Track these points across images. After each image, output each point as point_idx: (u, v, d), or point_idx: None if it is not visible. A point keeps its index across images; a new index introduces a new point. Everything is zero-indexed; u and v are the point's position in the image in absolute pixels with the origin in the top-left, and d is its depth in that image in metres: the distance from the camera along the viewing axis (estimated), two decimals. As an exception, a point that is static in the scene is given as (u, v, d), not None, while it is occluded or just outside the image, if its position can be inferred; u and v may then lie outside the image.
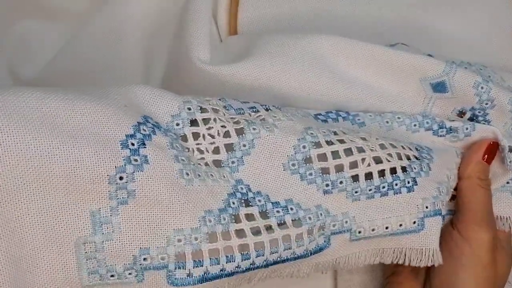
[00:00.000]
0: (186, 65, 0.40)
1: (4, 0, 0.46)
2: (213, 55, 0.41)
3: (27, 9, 0.47)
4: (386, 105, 0.40)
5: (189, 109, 0.34)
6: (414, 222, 0.37)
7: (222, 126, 0.34)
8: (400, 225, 0.37)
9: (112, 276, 0.31)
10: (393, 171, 0.36)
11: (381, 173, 0.36)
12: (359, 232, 0.36)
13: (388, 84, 0.40)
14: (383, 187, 0.36)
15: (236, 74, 0.39)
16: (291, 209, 0.35)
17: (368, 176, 0.36)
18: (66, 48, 0.46)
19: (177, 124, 0.33)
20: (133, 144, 0.31)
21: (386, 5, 0.45)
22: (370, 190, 0.36)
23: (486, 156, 0.39)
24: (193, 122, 0.34)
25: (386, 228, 0.37)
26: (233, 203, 0.33)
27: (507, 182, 0.41)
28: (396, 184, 0.36)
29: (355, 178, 0.36)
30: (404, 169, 0.37)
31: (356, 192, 0.36)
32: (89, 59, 0.45)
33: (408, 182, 0.37)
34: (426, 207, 0.37)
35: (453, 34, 0.45)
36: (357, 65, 0.39)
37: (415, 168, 0.37)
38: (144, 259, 0.31)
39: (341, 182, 0.35)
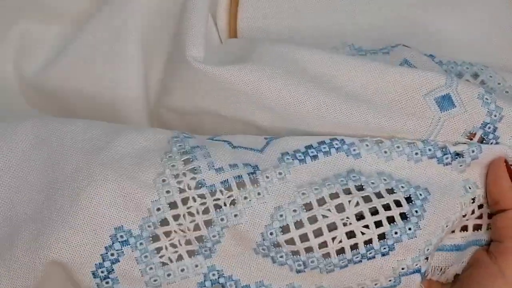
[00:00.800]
0: (182, 64, 0.40)
1: (7, 0, 0.46)
2: (211, 56, 0.41)
3: (29, 9, 0.47)
4: (388, 124, 0.38)
5: (158, 209, 0.34)
6: (390, 280, 0.36)
7: (191, 222, 0.35)
8: (376, 284, 0.36)
9: None
10: (368, 241, 0.35)
11: (355, 245, 0.35)
12: None
13: (390, 102, 0.38)
14: (356, 258, 0.35)
15: (230, 77, 0.38)
16: None
17: (340, 251, 0.35)
18: (67, 48, 0.46)
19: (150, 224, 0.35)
20: (102, 272, 0.34)
21: (386, 5, 0.45)
22: (343, 262, 0.35)
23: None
24: (163, 221, 0.35)
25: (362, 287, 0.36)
26: None
27: None
28: (370, 253, 0.35)
29: (327, 255, 0.35)
30: (382, 236, 0.35)
31: (329, 266, 0.35)
32: (89, 59, 0.45)
33: (384, 249, 0.35)
34: (402, 269, 0.36)
35: (453, 34, 0.45)
36: (356, 83, 0.38)
37: (396, 233, 0.35)
38: None
39: (312, 261, 0.35)
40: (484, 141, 0.38)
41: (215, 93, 0.40)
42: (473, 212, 0.38)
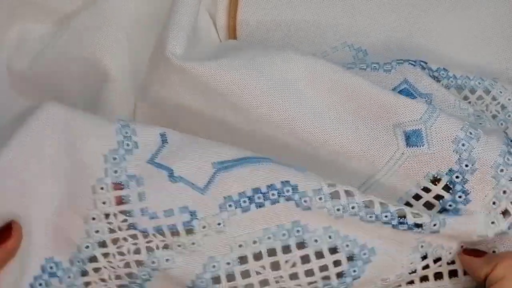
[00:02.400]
0: (161, 59, 0.39)
1: (4, 0, 0.46)
2: (198, 54, 0.40)
3: (26, 9, 0.46)
4: (353, 145, 0.37)
5: (87, 247, 0.34)
6: None
7: (121, 260, 0.34)
8: None
9: None
10: None
11: None
12: None
13: (361, 120, 0.37)
14: None
15: (205, 75, 0.37)
16: None
17: None
18: (53, 42, 0.45)
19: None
20: None
21: (386, 5, 0.45)
22: None
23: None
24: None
25: None
26: None
27: None
28: None
29: None
30: None
31: None
32: (73, 53, 0.45)
33: None
34: None
35: (454, 34, 0.45)
36: (333, 97, 0.37)
37: None
38: None
39: None
40: (450, 191, 0.36)
41: (192, 90, 0.39)
42: (427, 266, 0.36)
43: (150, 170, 0.34)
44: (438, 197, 0.36)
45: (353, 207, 0.33)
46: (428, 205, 0.36)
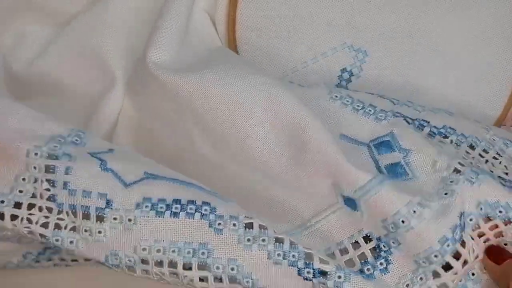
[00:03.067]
0: (142, 65, 0.40)
1: (4, 2, 0.46)
2: (181, 60, 0.40)
3: (25, 11, 0.46)
4: (293, 195, 0.38)
5: (2, 202, 0.34)
6: None
7: (25, 227, 0.34)
8: None
9: None
10: None
11: None
12: None
13: (302, 172, 0.38)
14: None
15: (175, 86, 0.38)
16: None
17: None
18: (51, 44, 0.46)
19: None
20: None
21: (386, 5, 0.45)
22: None
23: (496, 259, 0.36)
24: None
25: None
26: None
27: None
28: None
29: None
30: None
31: None
32: (76, 54, 0.45)
33: None
34: None
35: (454, 34, 0.45)
36: (283, 133, 0.38)
37: None
38: None
39: None
40: (375, 255, 0.36)
41: (166, 101, 0.40)
42: None
43: (86, 156, 0.35)
44: (363, 256, 0.36)
45: (263, 240, 0.34)
46: (350, 264, 0.36)
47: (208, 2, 0.46)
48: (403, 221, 0.34)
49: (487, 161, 0.39)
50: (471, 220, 0.36)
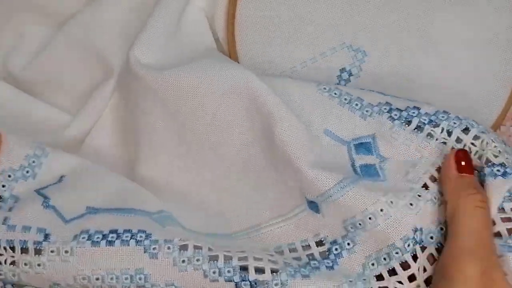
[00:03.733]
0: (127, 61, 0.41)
1: (2, 3, 0.46)
2: (168, 58, 0.41)
3: (24, 10, 0.47)
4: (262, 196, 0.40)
5: None
6: None
7: None
8: None
9: None
10: None
11: None
12: None
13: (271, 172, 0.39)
14: None
15: (149, 82, 0.39)
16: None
17: None
18: (47, 45, 0.46)
19: None
20: None
21: (386, 5, 0.45)
22: None
23: (459, 166, 0.36)
24: None
25: None
26: None
27: None
28: None
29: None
30: None
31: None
32: (75, 53, 0.45)
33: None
34: None
35: (454, 35, 0.45)
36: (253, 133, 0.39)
37: None
38: None
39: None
40: (324, 257, 0.37)
41: (144, 97, 0.40)
42: None
43: (32, 194, 0.37)
44: (311, 256, 0.37)
45: (198, 260, 0.34)
46: (298, 260, 0.37)
47: (207, 2, 0.46)
48: (370, 218, 0.35)
49: (473, 144, 0.38)
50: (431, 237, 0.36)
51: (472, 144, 0.38)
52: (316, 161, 0.37)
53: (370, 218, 0.35)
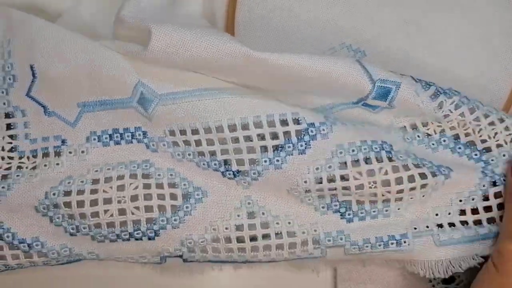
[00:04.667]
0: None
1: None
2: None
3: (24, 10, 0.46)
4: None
5: None
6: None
7: None
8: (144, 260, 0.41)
9: None
10: (137, 222, 0.39)
11: (124, 223, 0.39)
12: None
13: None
14: (125, 235, 0.39)
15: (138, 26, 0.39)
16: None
17: (110, 225, 0.39)
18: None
19: None
20: None
21: (386, 5, 0.45)
22: (112, 236, 0.39)
23: None
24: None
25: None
26: None
27: None
28: (138, 234, 0.39)
29: (98, 225, 0.39)
30: (150, 220, 0.39)
31: (100, 236, 0.39)
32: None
33: (151, 233, 0.39)
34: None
35: (454, 34, 0.45)
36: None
37: (163, 221, 0.39)
38: None
39: (84, 228, 0.39)
40: (299, 137, 0.39)
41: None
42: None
43: (30, 103, 0.40)
44: (287, 134, 0.39)
45: (189, 154, 0.39)
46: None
47: (207, 4, 0.46)
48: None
49: (480, 129, 0.40)
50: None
51: (475, 120, 0.40)
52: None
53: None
